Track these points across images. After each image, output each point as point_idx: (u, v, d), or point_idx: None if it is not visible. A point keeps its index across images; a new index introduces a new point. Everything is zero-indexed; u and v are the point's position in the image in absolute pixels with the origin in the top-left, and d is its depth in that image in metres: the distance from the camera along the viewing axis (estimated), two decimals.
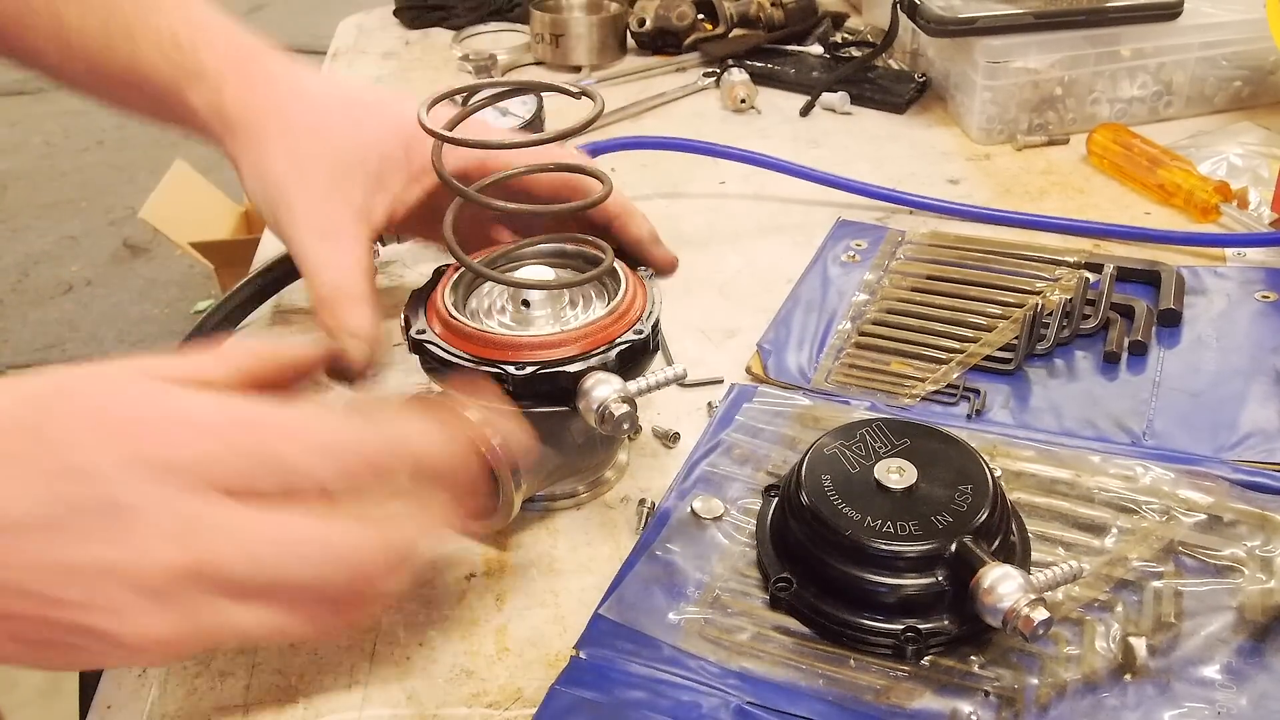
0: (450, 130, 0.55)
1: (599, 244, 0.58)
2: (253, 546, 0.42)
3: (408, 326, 0.56)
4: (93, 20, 0.66)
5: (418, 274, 0.80)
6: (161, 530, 0.41)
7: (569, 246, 0.60)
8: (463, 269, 0.57)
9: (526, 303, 0.56)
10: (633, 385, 0.53)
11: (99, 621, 0.42)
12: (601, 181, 0.57)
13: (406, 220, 0.64)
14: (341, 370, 0.57)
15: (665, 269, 0.64)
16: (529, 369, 0.52)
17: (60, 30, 0.67)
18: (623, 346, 0.54)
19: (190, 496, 0.42)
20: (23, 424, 0.43)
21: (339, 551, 0.44)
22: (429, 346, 0.54)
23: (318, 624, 0.45)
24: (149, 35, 0.66)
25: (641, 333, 0.55)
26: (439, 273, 0.60)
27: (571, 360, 0.53)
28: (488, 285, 0.59)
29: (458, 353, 0.53)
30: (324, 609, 0.45)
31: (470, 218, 0.62)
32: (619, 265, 0.58)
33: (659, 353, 0.58)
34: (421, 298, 0.58)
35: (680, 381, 0.54)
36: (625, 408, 0.51)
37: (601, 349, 0.53)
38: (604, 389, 0.52)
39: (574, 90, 0.57)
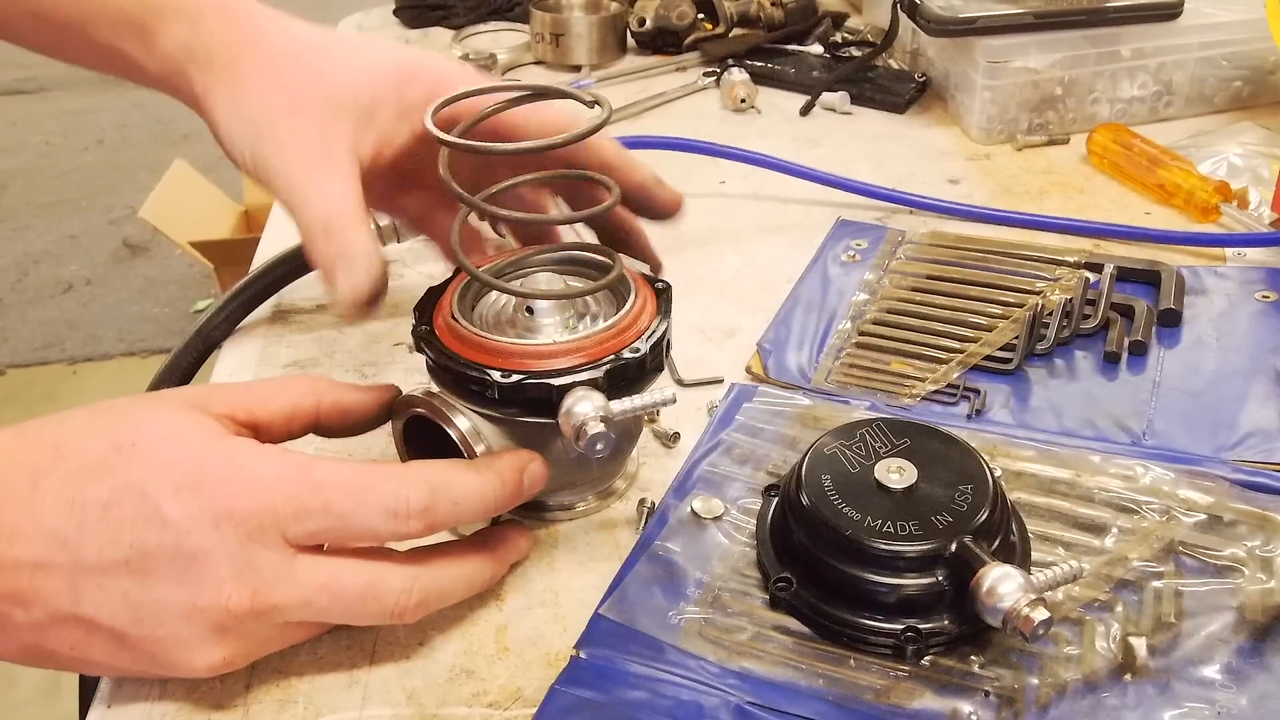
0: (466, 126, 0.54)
1: (610, 253, 0.57)
2: (305, 591, 0.47)
3: (417, 322, 0.56)
4: None
5: (418, 273, 0.80)
6: (226, 574, 0.46)
7: (580, 254, 0.59)
8: None
9: (530, 309, 0.55)
10: (616, 405, 0.51)
11: (169, 652, 0.47)
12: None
13: (394, 162, 0.62)
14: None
15: (672, 208, 0.61)
16: (514, 377, 0.51)
17: None
18: (609, 365, 0.52)
19: (251, 544, 0.46)
20: (104, 468, 0.46)
21: (378, 594, 0.49)
22: (422, 344, 0.54)
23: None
24: None
25: (638, 351, 0.53)
26: (458, 271, 0.58)
27: (558, 373, 0.51)
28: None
29: (449, 352, 0.53)
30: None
31: (471, 166, 0.61)
32: (632, 277, 0.56)
33: (662, 371, 0.56)
34: (435, 295, 0.57)
35: (667, 405, 0.52)
36: (599, 428, 0.49)
37: (589, 365, 0.52)
38: (584, 406, 0.50)
39: (588, 99, 0.56)
